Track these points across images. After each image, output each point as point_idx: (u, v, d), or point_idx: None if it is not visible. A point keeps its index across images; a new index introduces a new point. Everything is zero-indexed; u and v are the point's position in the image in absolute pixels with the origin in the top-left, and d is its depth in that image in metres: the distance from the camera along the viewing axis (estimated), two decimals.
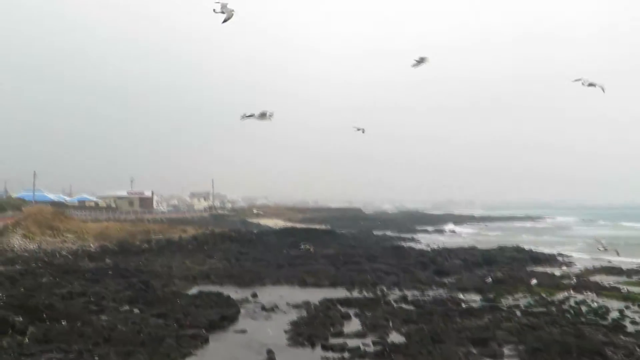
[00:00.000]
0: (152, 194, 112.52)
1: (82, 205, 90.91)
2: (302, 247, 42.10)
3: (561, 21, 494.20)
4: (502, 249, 44.39)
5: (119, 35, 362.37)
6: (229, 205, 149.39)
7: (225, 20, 16.10)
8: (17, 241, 39.99)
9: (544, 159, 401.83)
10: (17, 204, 61.31)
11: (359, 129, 25.68)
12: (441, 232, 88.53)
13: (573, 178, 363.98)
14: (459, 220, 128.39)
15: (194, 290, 24.55)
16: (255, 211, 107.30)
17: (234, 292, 23.92)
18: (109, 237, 46.08)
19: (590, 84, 18.34)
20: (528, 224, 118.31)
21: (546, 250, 47.25)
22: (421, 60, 24.81)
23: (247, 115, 17.73)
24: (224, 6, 16.05)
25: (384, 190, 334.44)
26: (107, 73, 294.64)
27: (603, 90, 18.91)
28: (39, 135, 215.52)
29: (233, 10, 15.86)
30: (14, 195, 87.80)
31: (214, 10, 15.85)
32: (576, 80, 18.70)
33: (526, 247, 47.16)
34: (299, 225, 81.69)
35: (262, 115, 17.79)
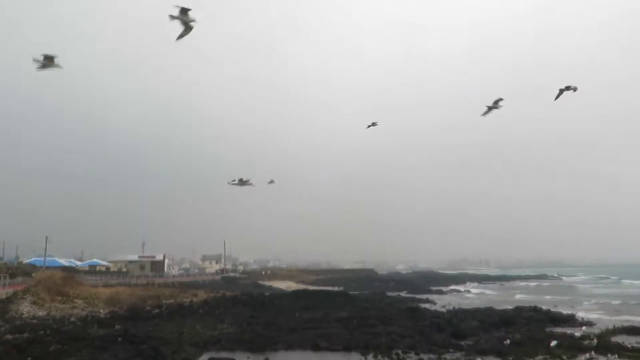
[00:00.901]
0: (164, 257, 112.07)
1: (93, 270, 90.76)
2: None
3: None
4: (519, 310, 43.29)
5: (130, 100, 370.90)
6: (240, 268, 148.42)
7: (180, 36, 14.87)
8: (26, 308, 39.54)
9: (557, 220, 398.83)
10: (28, 270, 61.23)
11: (370, 125, 26.61)
12: (456, 292, 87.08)
13: (583, 238, 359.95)
14: (474, 279, 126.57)
15: (204, 357, 23.99)
16: (263, 272, 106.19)
17: (245, 359, 23.31)
18: (119, 302, 45.56)
19: (567, 88, 18.57)
20: (545, 283, 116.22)
21: (565, 310, 45.97)
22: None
23: (231, 181, 17.85)
24: (183, 13, 14.43)
25: (397, 250, 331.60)
26: (118, 140, 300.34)
27: (575, 90, 19.04)
28: (50, 201, 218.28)
29: (194, 21, 14.56)
30: (25, 260, 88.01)
31: (170, 16, 14.47)
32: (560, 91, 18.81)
33: (544, 307, 46.01)
34: (311, 288, 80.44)
35: (242, 182, 17.92)
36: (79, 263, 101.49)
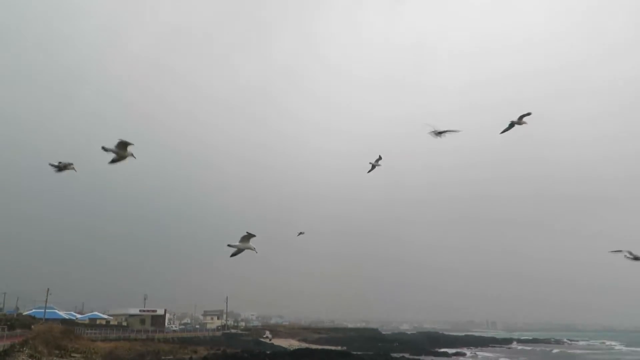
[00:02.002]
0: (165, 312, 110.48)
1: (93, 323, 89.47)
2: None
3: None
4: None
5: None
6: (242, 324, 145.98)
7: (113, 161, 15.87)
8: None
9: (567, 281, 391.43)
10: (27, 322, 60.33)
11: (374, 163, 25.25)
12: (462, 355, 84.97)
13: (594, 301, 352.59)
14: (480, 342, 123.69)
15: None
16: (265, 335, 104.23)
17: None
18: (118, 357, 44.75)
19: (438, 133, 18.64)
20: (555, 350, 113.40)
21: None
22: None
23: (230, 245, 17.58)
24: (121, 147, 15.63)
25: (401, 308, 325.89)
26: (121, 193, 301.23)
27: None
28: (51, 252, 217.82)
29: (130, 155, 15.76)
30: (25, 312, 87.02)
31: (103, 147, 15.61)
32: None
33: None
34: (314, 346, 78.83)
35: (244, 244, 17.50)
36: (79, 316, 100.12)
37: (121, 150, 15.68)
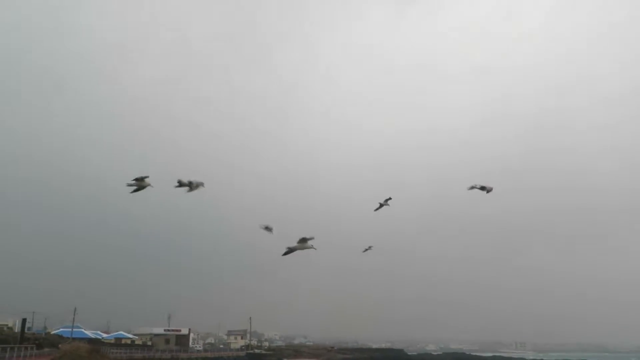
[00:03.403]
0: (189, 331, 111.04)
1: (118, 342, 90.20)
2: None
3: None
4: None
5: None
6: (266, 344, 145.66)
7: (135, 190, 18.59)
8: None
9: (597, 299, 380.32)
10: (55, 341, 61.34)
11: (382, 203, 25.68)
12: None
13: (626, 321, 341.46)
14: None
15: None
16: None
17: None
18: None
19: (482, 187, 18.56)
20: None
21: None
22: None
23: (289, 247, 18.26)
24: (140, 180, 18.33)
25: (426, 327, 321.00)
26: (145, 212, 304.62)
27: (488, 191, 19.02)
28: (78, 272, 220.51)
29: (149, 185, 18.33)
30: (53, 331, 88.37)
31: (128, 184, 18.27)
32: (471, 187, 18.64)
33: None
34: None
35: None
36: (104, 335, 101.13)
37: (140, 182, 18.31)
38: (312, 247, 18.00)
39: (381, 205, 26.23)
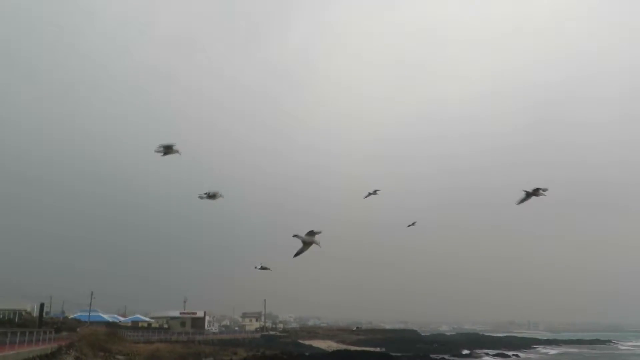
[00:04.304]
0: (205, 314, 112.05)
1: (135, 326, 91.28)
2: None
3: None
4: None
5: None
6: (280, 326, 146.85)
7: (165, 153, 19.33)
8: None
9: (613, 278, 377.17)
10: (73, 325, 62.19)
11: (371, 193, 27.84)
12: (504, 357, 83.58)
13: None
14: (522, 344, 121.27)
15: None
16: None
17: None
18: (160, 358, 45.61)
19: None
20: (603, 350, 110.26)
21: None
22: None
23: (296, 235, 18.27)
24: (168, 148, 18.84)
25: (440, 308, 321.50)
26: (160, 196, 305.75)
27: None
28: (96, 255, 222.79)
29: (177, 152, 19.28)
30: (71, 315, 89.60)
31: (156, 151, 19.29)
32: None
33: None
34: (352, 348, 78.76)
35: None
36: (122, 319, 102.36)
37: (168, 150, 19.08)
38: (317, 243, 17.83)
39: (369, 194, 29.24)
